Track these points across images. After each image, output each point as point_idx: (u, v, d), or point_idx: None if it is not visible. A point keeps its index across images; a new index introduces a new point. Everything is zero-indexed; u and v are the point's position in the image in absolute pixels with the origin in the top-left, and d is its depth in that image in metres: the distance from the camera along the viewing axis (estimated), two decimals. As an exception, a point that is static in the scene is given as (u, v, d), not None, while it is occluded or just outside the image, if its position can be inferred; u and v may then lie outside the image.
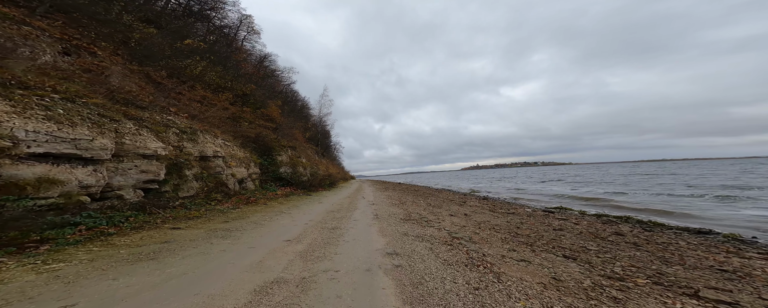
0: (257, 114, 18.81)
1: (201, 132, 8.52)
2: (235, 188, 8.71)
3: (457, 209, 11.25)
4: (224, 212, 6.49)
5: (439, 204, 12.74)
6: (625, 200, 15.47)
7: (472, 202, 14.43)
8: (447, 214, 9.44)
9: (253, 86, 22.48)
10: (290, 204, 9.38)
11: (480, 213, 10.06)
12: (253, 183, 10.89)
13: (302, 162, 18.61)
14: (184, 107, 11.50)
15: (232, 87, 17.89)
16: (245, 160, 10.73)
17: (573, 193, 20.56)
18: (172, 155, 6.42)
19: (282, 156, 15.83)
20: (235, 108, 16.60)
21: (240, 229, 5.38)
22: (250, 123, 16.86)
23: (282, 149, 16.67)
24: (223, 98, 16.37)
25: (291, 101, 43.44)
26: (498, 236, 6.22)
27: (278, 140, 17.44)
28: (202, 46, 16.24)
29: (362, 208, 9.35)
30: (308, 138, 44.77)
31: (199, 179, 7.17)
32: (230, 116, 15.10)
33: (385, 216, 7.69)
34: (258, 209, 7.59)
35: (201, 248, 4.05)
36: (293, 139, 24.38)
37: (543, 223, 8.25)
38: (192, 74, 14.74)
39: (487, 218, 8.95)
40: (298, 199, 11.31)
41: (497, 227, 7.39)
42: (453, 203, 13.96)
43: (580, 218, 9.88)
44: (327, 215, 7.57)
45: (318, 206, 9.47)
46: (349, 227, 5.94)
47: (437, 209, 11.04)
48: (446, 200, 15.54)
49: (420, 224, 6.74)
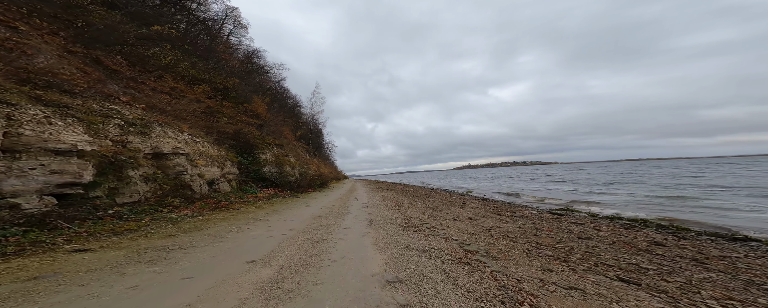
0: (239, 109, 17.39)
1: (159, 125, 7.20)
2: (202, 190, 7.43)
3: (458, 212, 10.19)
4: (177, 222, 5.19)
5: (438, 206, 11.67)
6: (611, 200, 14.77)
7: (472, 204, 13.42)
8: (450, 218, 8.36)
9: (236, 80, 21.02)
10: (270, 209, 8.14)
11: (485, 217, 9.02)
12: (228, 185, 9.60)
13: (290, 161, 17.29)
14: (146, 97, 10.11)
15: (210, 80, 16.43)
16: (219, 158, 9.43)
17: (569, 191, 19.93)
18: (108, 151, 5.13)
19: (266, 155, 14.50)
20: (212, 102, 15.17)
21: (187, 246, 4.10)
22: (230, 119, 15.45)
23: (266, 147, 15.33)
24: (200, 90, 14.91)
25: (281, 99, 41.93)
26: (518, 247, 5.16)
27: (263, 137, 16.09)
28: (174, 34, 14.75)
29: (355, 212, 8.18)
30: (299, 137, 43.34)
31: (149, 181, 5.88)
32: (205, 110, 13.69)
33: (381, 222, 6.56)
34: (227, 216, 6.32)
35: (95, 285, 2.70)
36: (281, 137, 22.98)
37: (561, 229, 7.25)
38: (160, 64, 13.29)
39: (496, 223, 7.91)
40: (282, 202, 10.05)
41: (511, 234, 6.34)
42: (452, 204, 12.93)
43: (595, 221, 8.96)
44: (312, 222, 6.37)
45: (303, 211, 8.26)
46: (337, 239, 4.78)
47: (437, 212, 9.96)
48: (445, 201, 14.51)
49: (423, 233, 5.62)
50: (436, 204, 12.45)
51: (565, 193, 19.72)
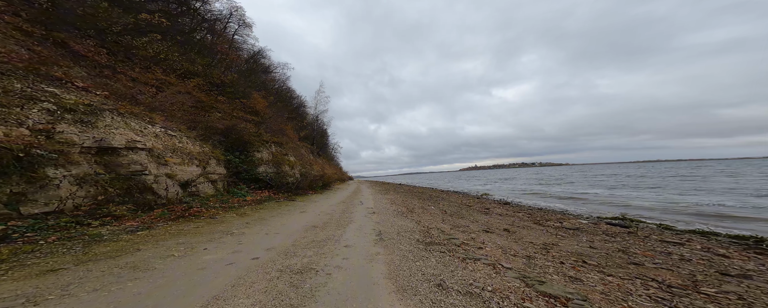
0: (235, 105, 16.00)
1: (117, 114, 5.72)
2: (170, 193, 5.92)
3: (486, 220, 8.48)
4: (99, 242, 3.50)
5: (457, 212, 9.97)
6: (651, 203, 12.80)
7: (497, 209, 11.65)
8: (479, 229, 6.68)
9: (235, 76, 19.73)
10: (255, 216, 6.59)
11: (525, 228, 7.29)
12: (212, 186, 8.11)
13: (289, 160, 15.81)
14: (123, 87, 8.74)
15: (205, 73, 15.10)
16: (202, 156, 7.96)
17: (596, 193, 17.94)
18: (18, 142, 3.62)
19: (262, 153, 13.03)
20: (204, 96, 13.80)
21: (49, 297, 2.28)
22: (224, 114, 14.06)
23: (263, 144, 13.87)
24: (192, 84, 13.58)
25: (286, 99, 40.88)
26: (628, 286, 3.41)
27: (260, 134, 14.64)
28: (165, 24, 13.45)
29: (359, 220, 6.58)
30: (303, 137, 42.22)
31: (86, 183, 4.39)
32: (195, 103, 12.31)
33: (393, 236, 4.94)
34: (188, 228, 4.73)
35: None
36: (282, 135, 21.55)
37: (656, 251, 5.48)
38: (146, 54, 12.01)
39: (548, 238, 6.17)
40: (273, 207, 8.52)
41: (589, 258, 4.59)
42: (472, 209, 11.19)
43: (683, 237, 7.00)
44: (303, 237, 4.79)
45: (296, 219, 6.69)
46: (333, 268, 3.19)
47: (459, 219, 8.27)
48: (462, 205, 12.78)
49: (454, 254, 3.99)
50: (453, 209, 10.75)
51: (595, 196, 17.73)
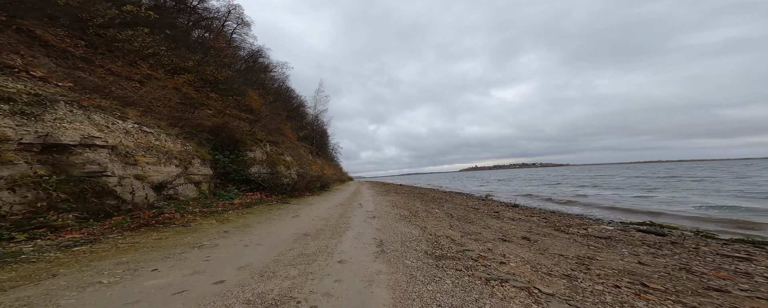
0: (229, 102, 15.26)
1: (77, 107, 4.96)
2: (137, 198, 5.14)
3: (497, 225, 7.71)
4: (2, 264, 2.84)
5: (464, 216, 9.21)
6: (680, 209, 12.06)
7: (507, 213, 10.86)
8: (494, 237, 5.91)
9: (230, 73, 19.00)
10: (238, 223, 5.82)
11: (546, 236, 6.51)
12: (195, 189, 7.35)
13: (285, 160, 15.06)
14: (99, 80, 8.00)
15: (197, 70, 14.37)
16: (183, 155, 7.21)
17: (605, 194, 17.16)
18: None
19: (255, 152, 12.27)
20: (195, 92, 13.06)
21: None
22: (217, 112, 13.32)
23: (257, 144, 13.12)
24: (182, 80, 12.85)
25: (285, 99, 40.25)
26: None
27: (253, 133, 13.89)
28: (152, 17, 12.73)
29: (358, 226, 5.83)
30: (303, 137, 41.56)
31: (23, 187, 3.63)
32: (183, 100, 11.57)
33: (396, 247, 4.18)
34: (145, 242, 3.83)
35: None
36: (279, 134, 20.79)
37: (711, 264, 4.70)
38: (131, 48, 11.31)
39: (579, 250, 5.40)
40: (263, 211, 7.75)
41: (645, 279, 3.78)
42: (481, 213, 10.42)
43: (729, 246, 6.19)
44: (289, 249, 4.03)
45: (286, 226, 5.93)
46: (319, 295, 2.43)
47: (468, 224, 7.51)
48: (469, 208, 12.01)
49: (472, 271, 3.23)
50: (460, 213, 9.98)
51: (604, 199, 16.92)
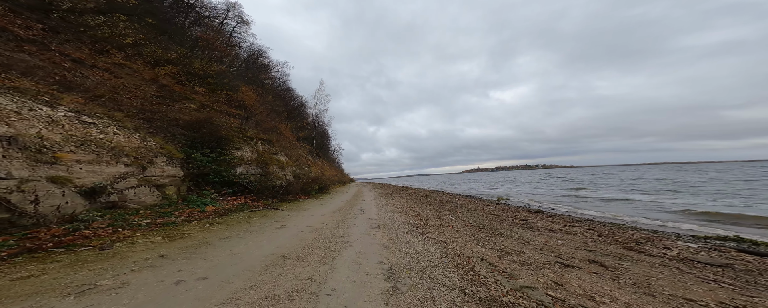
0: (218, 97, 13.90)
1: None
2: (45, 208, 3.68)
3: (537, 239, 6.21)
4: None
5: (487, 225, 7.72)
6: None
7: (537, 221, 9.30)
8: (547, 260, 4.42)
9: (222, 68, 17.68)
10: (192, 241, 4.35)
11: (623, 259, 5.00)
12: (156, 193, 5.93)
13: (279, 160, 13.66)
14: (51, 66, 6.67)
15: (182, 62, 13.05)
16: (140, 152, 5.81)
17: (629, 198, 15.57)
18: None
19: (243, 151, 10.87)
20: (177, 85, 11.72)
21: None
22: (202, 107, 11.96)
23: (246, 141, 11.73)
24: (162, 72, 11.51)
25: (286, 99, 39.08)
26: None
27: (243, 130, 12.50)
28: (131, 2, 11.42)
29: (358, 241, 4.38)
30: (303, 138, 40.36)
31: None
32: (162, 92, 10.22)
33: (414, 278, 2.73)
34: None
35: None
36: (276, 133, 19.41)
37: None
38: (102, 36, 10.01)
39: (703, 290, 3.90)
40: (240, 221, 6.31)
41: None
42: (505, 221, 8.91)
43: None
44: (248, 288, 2.59)
45: (263, 241, 4.49)
46: None
47: (498, 237, 6.03)
48: (487, 214, 10.51)
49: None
50: (480, 221, 8.49)
51: (646, 205, 15.31)
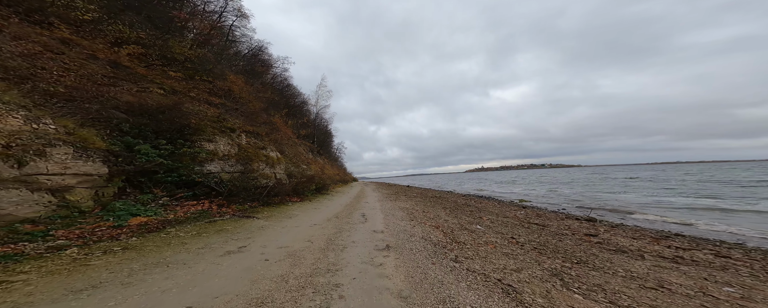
0: (197, 84, 12.01)
1: None
2: None
3: (681, 282, 4.20)
4: None
5: (544, 244, 5.70)
6: None
7: (616, 238, 7.12)
8: None
9: (207, 53, 15.79)
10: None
11: None
12: (50, 200, 3.99)
13: (267, 157, 11.74)
14: None
15: (152, 44, 11.18)
16: (23, 137, 3.90)
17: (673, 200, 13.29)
18: None
19: (218, 144, 8.95)
20: (143, 68, 9.83)
21: None
22: (173, 92, 10.06)
23: (225, 133, 9.81)
24: (125, 53, 9.63)
25: (287, 96, 37.32)
26: None
27: (221, 119, 10.58)
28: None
29: (353, 282, 2.44)
30: (304, 136, 38.66)
31: None
32: (115, 73, 8.33)
33: None
34: None
35: None
36: (269, 126, 17.50)
37: None
38: (42, 6, 8.18)
39: None
40: (174, 242, 4.32)
41: None
42: (569, 238, 6.85)
43: None
44: None
45: (157, 298, 2.58)
46: None
47: (586, 270, 4.03)
48: (527, 224, 8.46)
49: None
50: (530, 237, 6.46)
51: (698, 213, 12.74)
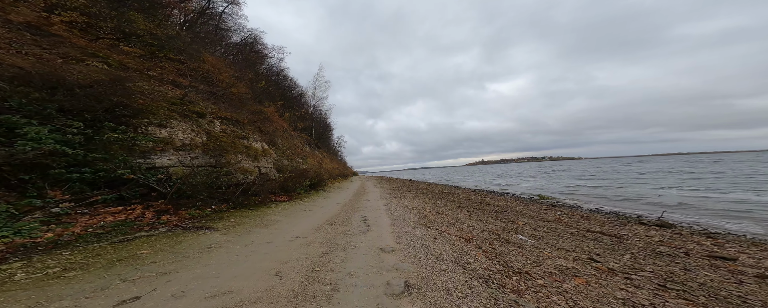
0: (157, 62, 10.07)
1: None
2: None
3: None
4: None
5: (648, 269, 3.85)
6: None
7: (750, 256, 5.20)
8: None
9: (181, 32, 13.80)
10: None
11: None
12: None
13: (249, 147, 9.87)
14: None
15: (99, 13, 9.19)
16: None
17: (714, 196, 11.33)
18: None
19: (174, 129, 7.07)
20: (81, 39, 7.89)
21: None
22: (123, 68, 8.14)
23: (184, 117, 7.92)
24: (59, 19, 7.69)
25: (284, 88, 35.28)
26: None
27: (186, 101, 8.66)
28: None
29: None
30: (302, 129, 36.76)
31: None
32: (35, 41, 6.39)
33: None
34: None
35: None
36: (259, 116, 15.61)
37: None
38: None
39: None
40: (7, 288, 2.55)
41: None
42: (672, 259, 4.97)
43: None
44: None
45: None
46: None
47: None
48: (586, 233, 6.57)
49: None
50: (602, 252, 4.59)
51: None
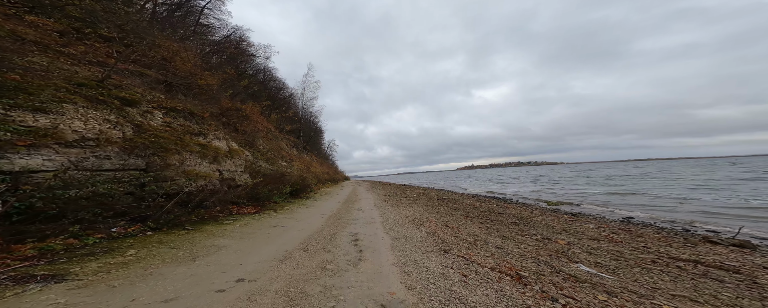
0: (80, 39, 7.72)
1: None
2: None
3: None
4: None
5: None
6: None
7: None
8: None
9: (129, 13, 11.36)
10: None
11: None
12: None
13: (206, 146, 7.54)
14: None
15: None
16: None
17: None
18: None
19: (64, 118, 4.74)
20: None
21: None
22: (19, 40, 5.77)
23: (93, 102, 5.58)
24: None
25: (272, 89, 32.70)
26: None
27: (105, 83, 6.31)
28: None
29: None
30: (290, 131, 34.28)
31: None
32: None
33: None
34: None
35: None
36: (238, 116, 13.23)
37: None
38: None
39: None
40: None
41: None
42: None
43: None
44: None
45: None
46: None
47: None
48: (657, 262, 4.55)
49: None
50: (729, 297, 2.50)
51: None
